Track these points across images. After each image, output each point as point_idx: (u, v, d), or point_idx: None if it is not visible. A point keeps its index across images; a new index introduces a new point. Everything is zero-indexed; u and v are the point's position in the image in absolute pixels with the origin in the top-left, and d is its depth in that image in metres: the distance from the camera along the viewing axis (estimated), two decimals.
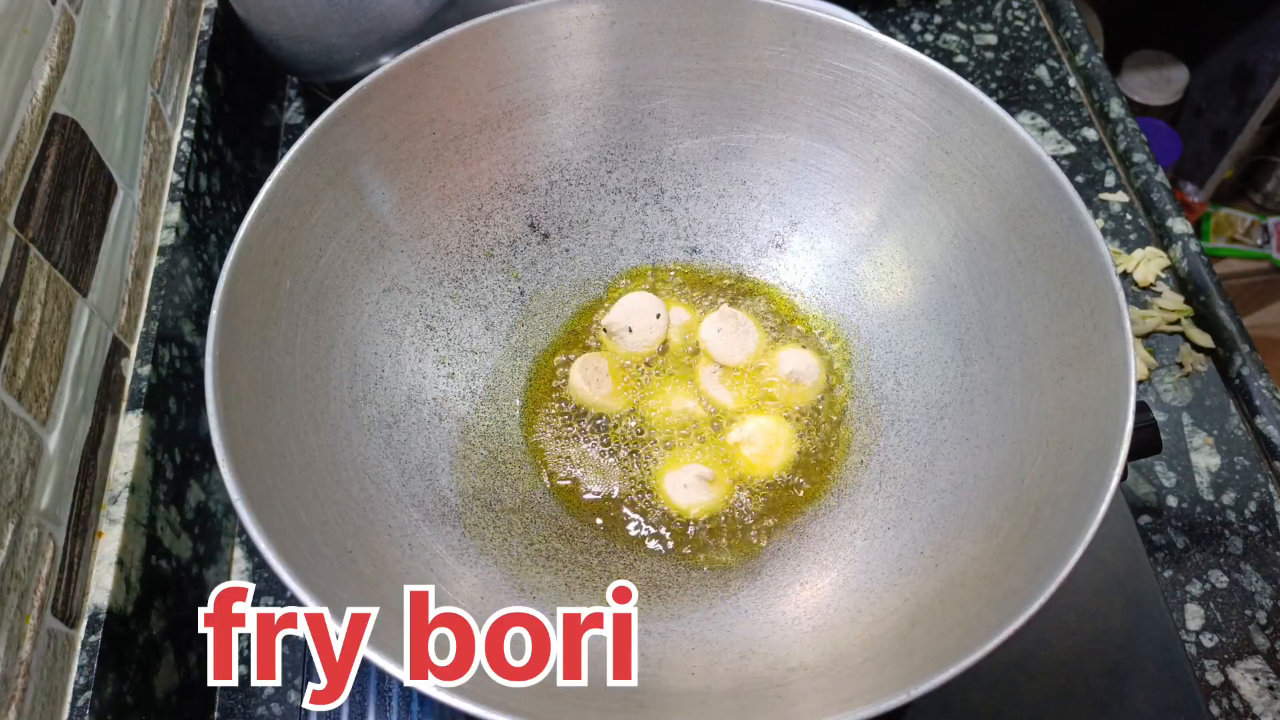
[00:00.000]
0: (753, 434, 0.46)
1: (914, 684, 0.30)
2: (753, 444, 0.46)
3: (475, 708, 0.29)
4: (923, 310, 0.46)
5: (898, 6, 0.77)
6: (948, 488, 0.41)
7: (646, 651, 0.37)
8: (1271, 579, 0.51)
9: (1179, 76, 1.31)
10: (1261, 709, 0.47)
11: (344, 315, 0.43)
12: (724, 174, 0.50)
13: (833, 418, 0.47)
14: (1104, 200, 0.66)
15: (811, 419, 0.47)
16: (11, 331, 0.39)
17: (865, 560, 0.41)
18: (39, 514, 0.39)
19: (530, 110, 0.47)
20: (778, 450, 0.46)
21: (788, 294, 0.50)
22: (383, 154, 0.44)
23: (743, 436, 0.46)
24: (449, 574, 0.40)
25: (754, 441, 0.46)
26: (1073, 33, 0.74)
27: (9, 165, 0.40)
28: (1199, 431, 0.56)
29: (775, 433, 0.46)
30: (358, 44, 0.56)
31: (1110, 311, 0.36)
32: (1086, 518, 0.32)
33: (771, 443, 0.46)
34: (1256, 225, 1.46)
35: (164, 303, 0.50)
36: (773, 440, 0.46)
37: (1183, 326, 0.59)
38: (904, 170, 0.45)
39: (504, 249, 0.49)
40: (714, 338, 0.48)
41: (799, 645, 0.38)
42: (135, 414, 0.46)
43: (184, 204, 0.54)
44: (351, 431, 0.41)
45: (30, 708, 0.37)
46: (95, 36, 0.49)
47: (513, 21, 0.45)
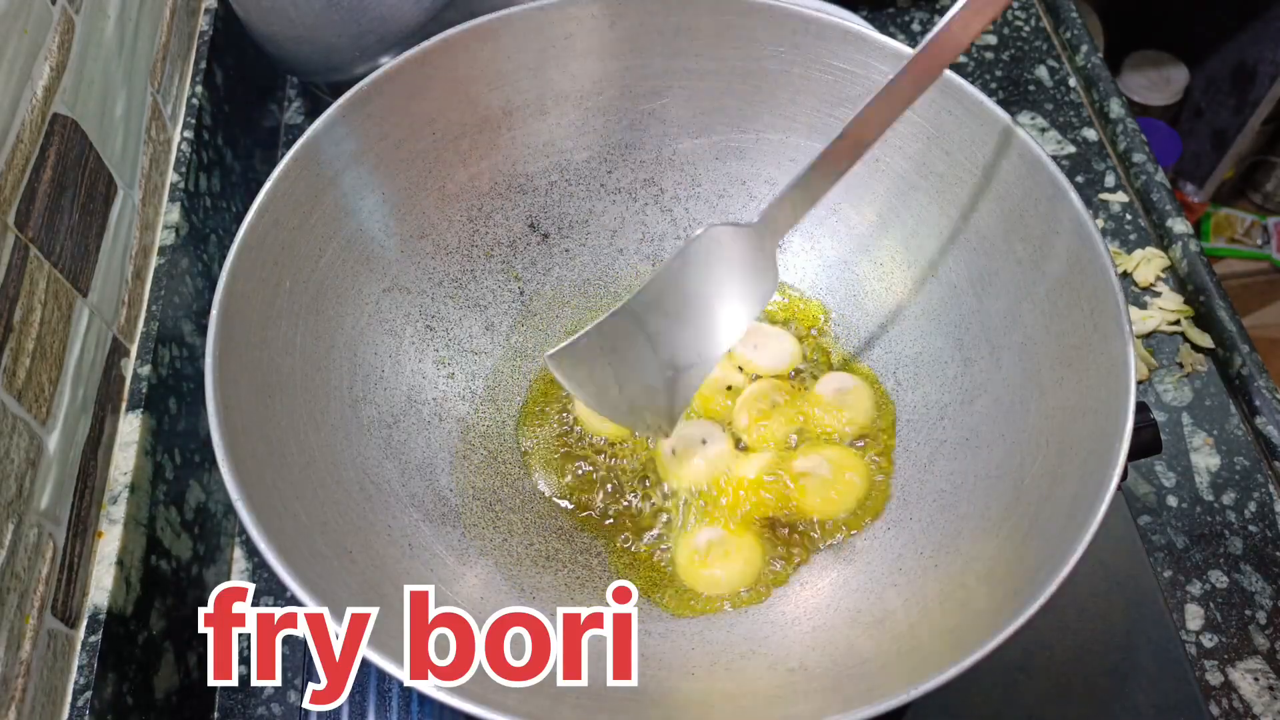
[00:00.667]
0: (817, 466, 0.42)
1: (914, 684, 0.30)
2: (821, 481, 0.42)
3: (475, 708, 0.29)
4: (923, 310, 0.46)
5: (898, 6, 0.77)
6: (948, 488, 0.41)
7: (646, 651, 0.37)
8: (1271, 579, 0.51)
9: (1179, 76, 1.31)
10: (1261, 709, 0.47)
11: (344, 315, 0.43)
12: (724, 174, 0.50)
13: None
14: (1104, 200, 0.66)
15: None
16: (11, 331, 0.39)
17: (865, 560, 0.41)
18: (39, 514, 0.39)
19: (530, 110, 0.47)
20: (847, 492, 0.42)
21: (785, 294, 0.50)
22: (383, 154, 0.44)
23: (809, 467, 0.42)
24: (449, 574, 0.40)
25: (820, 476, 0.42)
26: (1073, 33, 0.74)
27: (9, 165, 0.40)
28: (1199, 431, 0.56)
29: (842, 465, 0.42)
30: (358, 44, 0.56)
31: (1110, 311, 0.36)
32: (1086, 518, 0.32)
33: (837, 478, 0.42)
34: (1256, 225, 1.46)
35: (164, 303, 0.50)
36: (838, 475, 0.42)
37: (1183, 326, 0.59)
38: (904, 170, 0.45)
39: (504, 249, 0.49)
40: (751, 353, 0.48)
41: (799, 645, 0.38)
42: (135, 414, 0.46)
43: (184, 204, 0.54)
44: (351, 431, 0.41)
45: (30, 708, 0.37)
46: (95, 36, 0.49)
47: (513, 21, 0.45)
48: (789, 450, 0.44)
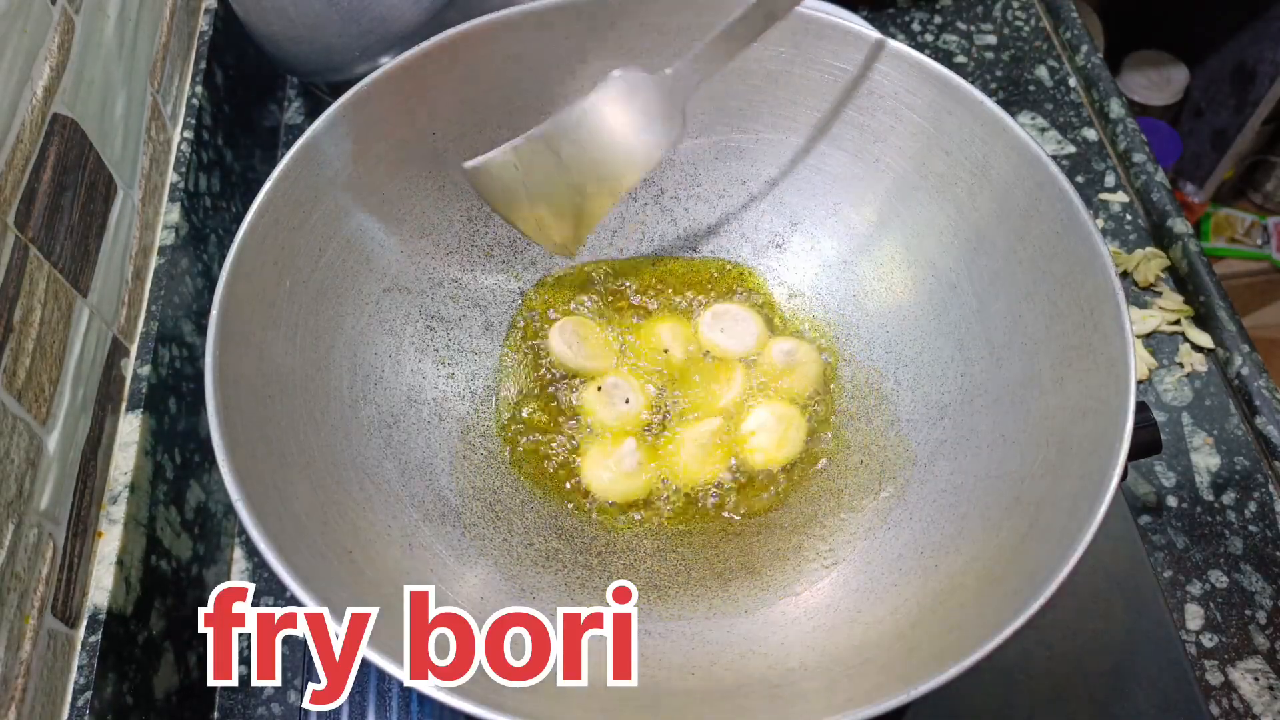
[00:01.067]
0: (765, 421, 0.45)
1: (914, 684, 0.30)
2: (766, 431, 0.45)
3: (475, 708, 0.29)
4: (923, 310, 0.46)
5: (898, 6, 0.77)
6: (948, 488, 0.41)
7: (646, 651, 0.37)
8: (1271, 579, 0.51)
9: (1179, 76, 1.31)
10: (1261, 709, 0.47)
11: (344, 315, 0.43)
12: (724, 174, 0.50)
13: (833, 418, 0.47)
14: (1104, 200, 0.66)
15: (812, 418, 0.47)
16: (11, 331, 0.39)
17: (865, 560, 0.41)
18: (39, 514, 0.39)
19: (530, 110, 0.47)
20: (790, 436, 0.45)
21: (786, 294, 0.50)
22: (383, 154, 0.44)
23: (756, 424, 0.45)
24: (449, 574, 0.40)
25: (767, 429, 0.45)
26: (1073, 33, 0.74)
27: (9, 165, 0.40)
28: (1199, 431, 0.56)
29: (789, 419, 0.46)
30: (358, 44, 0.56)
31: (1110, 311, 0.36)
32: (1086, 518, 0.32)
33: (784, 430, 0.45)
34: (1256, 225, 1.46)
35: (164, 303, 0.50)
36: (785, 427, 0.45)
37: (1183, 326, 0.59)
38: (904, 170, 0.45)
39: (504, 249, 0.49)
40: (719, 336, 0.48)
41: (799, 645, 0.38)
42: (135, 414, 0.46)
43: (184, 204, 0.54)
44: (351, 431, 0.41)
45: (30, 708, 0.37)
46: (95, 36, 0.49)
47: (513, 21, 0.45)
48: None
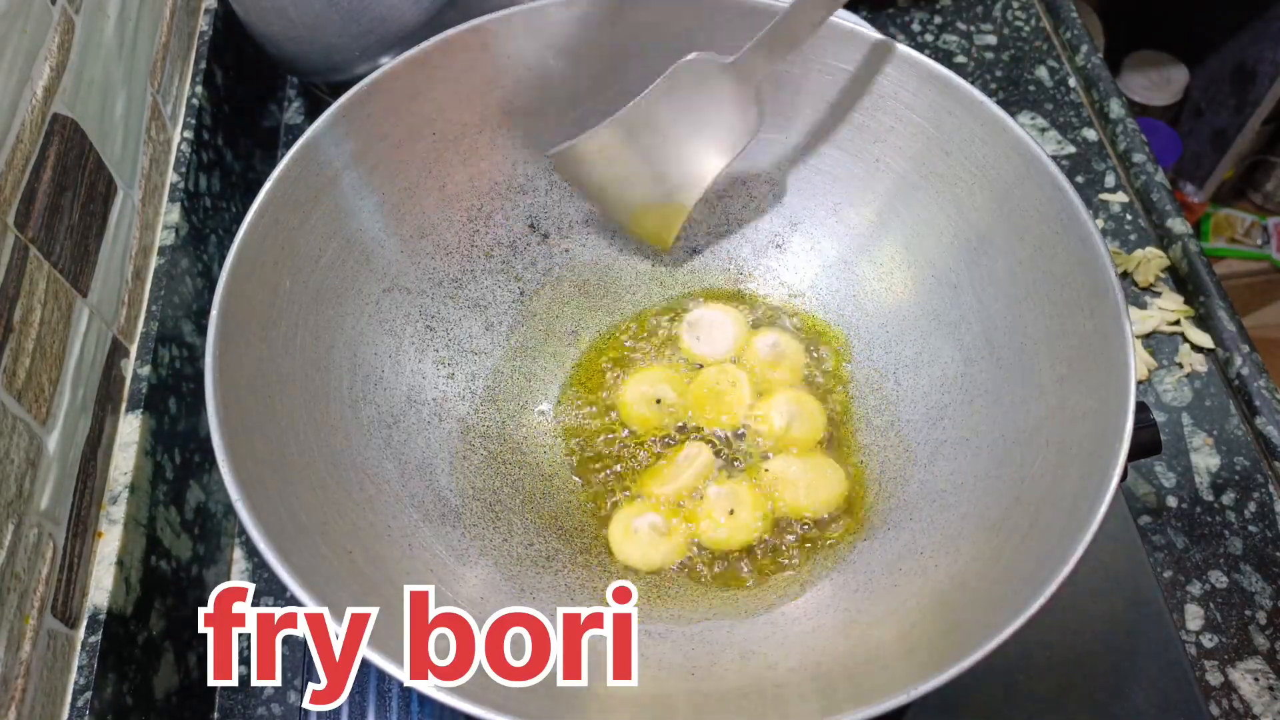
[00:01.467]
0: (792, 469, 0.42)
1: (914, 684, 0.30)
2: (793, 482, 0.42)
3: (475, 708, 0.29)
4: (923, 310, 0.46)
5: (898, 6, 0.77)
6: (948, 488, 0.41)
7: (646, 652, 0.37)
8: (1271, 579, 0.51)
9: (1179, 76, 1.31)
10: (1261, 709, 0.47)
11: (344, 315, 0.43)
12: (724, 174, 0.50)
13: (832, 418, 0.47)
14: (1104, 200, 0.66)
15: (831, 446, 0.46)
16: (11, 331, 0.39)
17: (865, 560, 0.41)
18: (39, 514, 0.39)
19: (530, 110, 0.47)
20: (821, 485, 0.42)
21: (786, 294, 0.50)
22: (383, 154, 0.44)
23: (783, 470, 0.43)
24: (449, 574, 0.40)
25: (793, 479, 0.42)
26: (1073, 33, 0.74)
27: (9, 165, 0.40)
28: (1199, 432, 0.56)
29: (819, 465, 0.43)
30: (358, 44, 0.56)
31: (1110, 311, 0.36)
32: (1086, 518, 0.32)
33: (814, 478, 0.43)
34: (1256, 225, 1.46)
35: (164, 303, 0.50)
36: (817, 474, 0.43)
37: (1183, 326, 0.59)
38: (904, 170, 0.45)
39: (504, 249, 0.49)
40: (696, 344, 0.48)
41: (799, 645, 0.38)
42: (135, 414, 0.46)
43: (184, 204, 0.54)
44: (351, 431, 0.41)
45: (30, 708, 0.37)
46: (95, 36, 0.49)
47: (513, 21, 0.45)
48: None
